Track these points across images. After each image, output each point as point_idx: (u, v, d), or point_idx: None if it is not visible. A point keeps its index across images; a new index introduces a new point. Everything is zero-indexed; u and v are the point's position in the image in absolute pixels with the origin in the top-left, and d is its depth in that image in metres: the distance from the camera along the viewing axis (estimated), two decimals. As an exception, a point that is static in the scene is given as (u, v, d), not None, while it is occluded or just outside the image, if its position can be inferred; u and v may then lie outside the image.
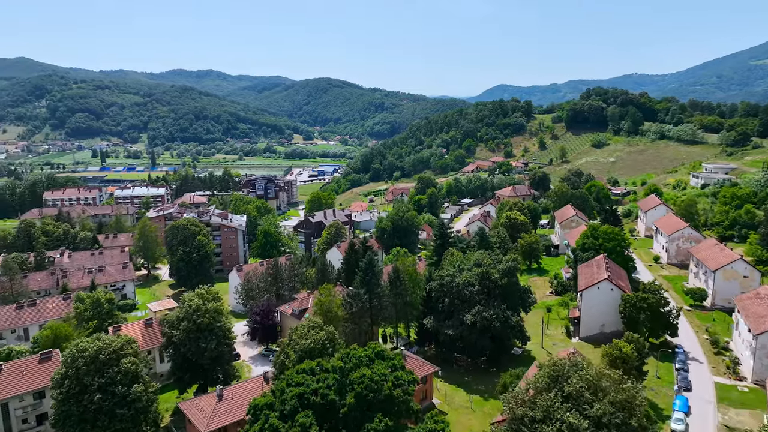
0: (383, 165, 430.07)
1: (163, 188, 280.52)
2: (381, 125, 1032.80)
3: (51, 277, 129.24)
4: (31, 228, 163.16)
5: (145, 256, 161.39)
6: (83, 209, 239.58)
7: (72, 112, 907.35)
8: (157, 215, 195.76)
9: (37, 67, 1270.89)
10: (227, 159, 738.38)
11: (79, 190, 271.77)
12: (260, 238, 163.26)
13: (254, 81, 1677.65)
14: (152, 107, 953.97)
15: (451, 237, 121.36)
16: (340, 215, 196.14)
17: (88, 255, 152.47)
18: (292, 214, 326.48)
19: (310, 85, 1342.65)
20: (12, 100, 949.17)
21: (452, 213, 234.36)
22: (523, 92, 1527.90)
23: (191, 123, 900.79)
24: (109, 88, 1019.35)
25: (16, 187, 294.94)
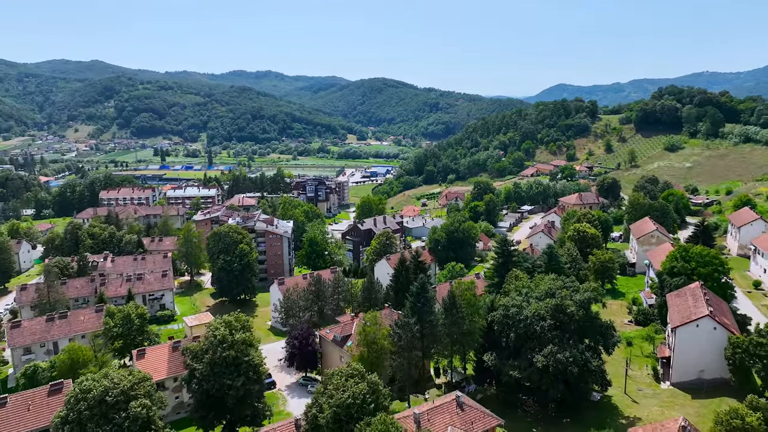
0: (437, 167, 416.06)
1: (214, 189, 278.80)
2: (435, 125, 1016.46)
3: (90, 284, 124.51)
4: (78, 230, 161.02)
5: (188, 262, 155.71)
6: (135, 209, 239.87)
7: (137, 112, 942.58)
8: (203, 218, 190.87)
9: (108, 70, 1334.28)
10: (281, 158, 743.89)
11: (133, 189, 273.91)
12: (306, 247, 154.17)
13: (310, 81, 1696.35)
14: (212, 107, 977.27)
15: (514, 255, 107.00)
16: (391, 222, 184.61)
17: (130, 260, 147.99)
18: (343, 217, 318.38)
19: (365, 85, 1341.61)
20: (84, 100, 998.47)
21: (511, 221, 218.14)
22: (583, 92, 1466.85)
23: (248, 123, 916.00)
24: (172, 89, 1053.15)
25: (76, 185, 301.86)
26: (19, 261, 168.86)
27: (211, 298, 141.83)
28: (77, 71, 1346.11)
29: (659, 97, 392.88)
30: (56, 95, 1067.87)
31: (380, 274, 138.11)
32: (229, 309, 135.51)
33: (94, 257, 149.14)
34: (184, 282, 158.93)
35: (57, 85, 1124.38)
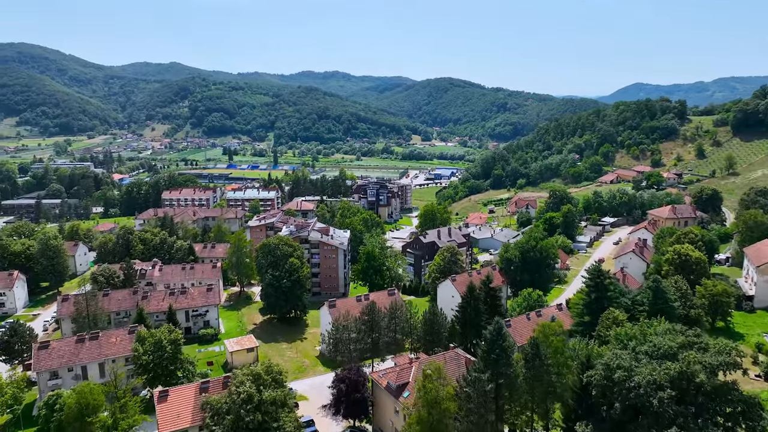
0: (505, 171, 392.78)
1: (273, 191, 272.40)
2: (503, 126, 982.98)
3: (132, 297, 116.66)
4: (130, 234, 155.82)
5: (237, 272, 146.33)
6: (194, 211, 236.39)
7: (209, 112, 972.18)
8: (258, 224, 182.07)
9: (185, 71, 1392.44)
10: (345, 159, 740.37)
11: (194, 190, 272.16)
12: (363, 261, 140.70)
13: (376, 81, 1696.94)
14: (279, 107, 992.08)
15: (610, 290, 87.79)
16: (457, 234, 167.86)
17: (179, 269, 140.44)
18: (405, 223, 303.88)
19: (430, 85, 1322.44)
20: (161, 100, 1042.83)
21: (591, 235, 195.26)
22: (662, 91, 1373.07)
23: (314, 122, 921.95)
24: (242, 89, 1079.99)
25: (142, 184, 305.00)
26: (75, 264, 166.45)
27: (259, 314, 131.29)
28: (157, 73, 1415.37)
29: (763, 95, 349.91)
30: (137, 96, 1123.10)
31: (444, 297, 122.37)
32: (277, 328, 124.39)
33: (142, 264, 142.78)
34: (233, 294, 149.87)
35: (138, 86, 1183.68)
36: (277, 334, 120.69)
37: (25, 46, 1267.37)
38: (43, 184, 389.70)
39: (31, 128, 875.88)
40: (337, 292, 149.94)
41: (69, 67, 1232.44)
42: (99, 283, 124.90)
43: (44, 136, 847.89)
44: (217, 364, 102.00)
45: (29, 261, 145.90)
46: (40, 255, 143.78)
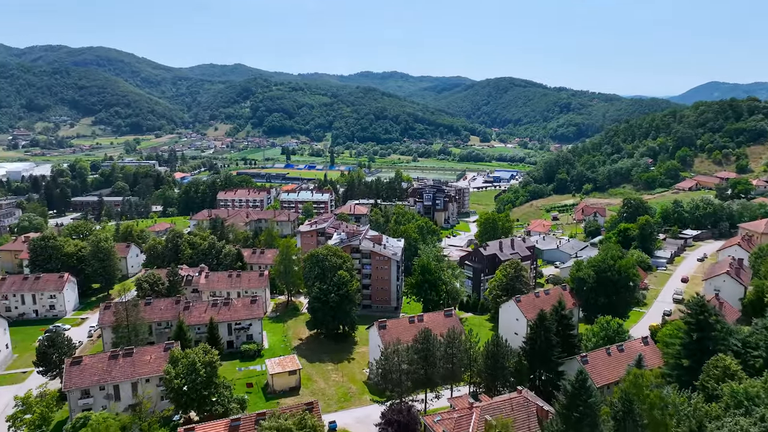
0: (570, 175, 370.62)
1: (327, 194, 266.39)
2: (566, 127, 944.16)
3: (174, 306, 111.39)
4: (179, 238, 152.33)
5: (285, 281, 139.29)
6: (248, 213, 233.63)
7: (270, 112, 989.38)
8: (309, 229, 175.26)
9: (248, 72, 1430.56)
10: (402, 160, 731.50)
11: (249, 191, 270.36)
12: (417, 274, 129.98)
13: (435, 81, 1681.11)
14: (337, 107, 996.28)
15: (716, 329, 72.72)
16: (520, 247, 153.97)
17: (225, 277, 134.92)
18: (462, 229, 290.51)
19: (490, 84, 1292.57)
20: (224, 101, 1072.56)
21: (672, 250, 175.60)
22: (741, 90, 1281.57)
23: (371, 123, 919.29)
24: (302, 90, 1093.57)
25: (199, 184, 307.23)
26: (126, 265, 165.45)
27: (306, 327, 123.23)
28: (222, 74, 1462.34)
29: None
30: (202, 96, 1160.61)
31: (507, 320, 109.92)
32: (323, 345, 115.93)
33: (189, 270, 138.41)
34: (280, 303, 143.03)
35: (203, 87, 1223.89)
36: (323, 352, 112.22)
37: (103, 50, 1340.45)
38: (110, 182, 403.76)
39: (105, 127, 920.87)
40: (389, 306, 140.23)
41: (141, 69, 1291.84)
42: (143, 289, 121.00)
43: (116, 135, 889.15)
44: (256, 387, 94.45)
45: (81, 263, 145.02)
46: (92, 257, 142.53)
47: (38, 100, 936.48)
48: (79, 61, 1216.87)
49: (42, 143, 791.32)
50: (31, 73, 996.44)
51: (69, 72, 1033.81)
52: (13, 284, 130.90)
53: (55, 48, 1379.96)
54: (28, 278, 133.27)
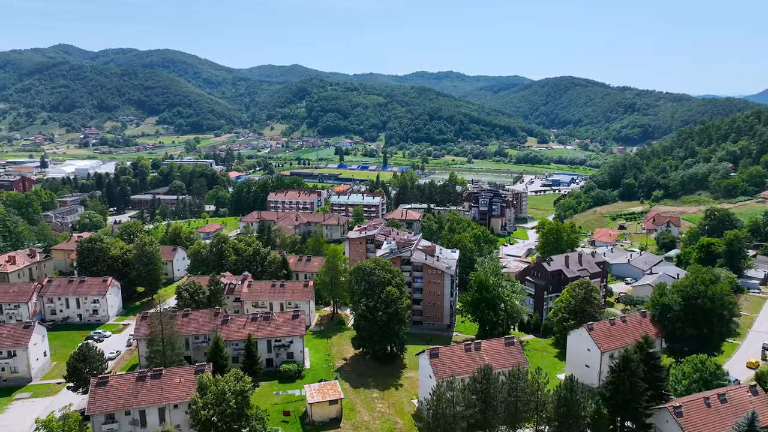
0: (638, 180, 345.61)
1: (378, 197, 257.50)
2: (630, 129, 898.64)
3: (213, 319, 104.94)
4: (224, 243, 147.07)
5: (331, 293, 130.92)
6: (297, 215, 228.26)
7: (324, 112, 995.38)
8: (358, 236, 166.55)
9: (305, 73, 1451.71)
10: (456, 161, 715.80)
11: (299, 193, 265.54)
12: (473, 291, 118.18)
13: (491, 81, 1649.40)
14: (392, 107, 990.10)
15: None
16: (589, 262, 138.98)
17: (268, 287, 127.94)
18: (519, 236, 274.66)
19: (549, 84, 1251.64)
20: (281, 101, 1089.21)
21: (765, 271, 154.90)
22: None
23: (425, 123, 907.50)
24: (357, 90, 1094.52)
25: (251, 185, 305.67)
26: (172, 269, 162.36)
27: (351, 345, 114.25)
28: (279, 75, 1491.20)
29: None
30: (260, 96, 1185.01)
31: (577, 351, 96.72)
32: (369, 366, 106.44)
33: (232, 278, 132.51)
34: (325, 316, 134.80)
35: (261, 88, 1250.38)
36: (369, 374, 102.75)
37: (168, 52, 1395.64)
38: (168, 180, 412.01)
39: (168, 126, 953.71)
40: (441, 323, 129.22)
41: (203, 70, 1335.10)
42: (183, 298, 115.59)
43: (178, 133, 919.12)
44: (294, 416, 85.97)
45: (126, 266, 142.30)
46: (136, 261, 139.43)
47: (108, 101, 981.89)
48: (147, 63, 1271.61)
49: (110, 141, 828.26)
50: (102, 75, 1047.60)
51: (137, 73, 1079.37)
52: (59, 287, 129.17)
53: (125, 51, 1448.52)
54: (73, 281, 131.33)
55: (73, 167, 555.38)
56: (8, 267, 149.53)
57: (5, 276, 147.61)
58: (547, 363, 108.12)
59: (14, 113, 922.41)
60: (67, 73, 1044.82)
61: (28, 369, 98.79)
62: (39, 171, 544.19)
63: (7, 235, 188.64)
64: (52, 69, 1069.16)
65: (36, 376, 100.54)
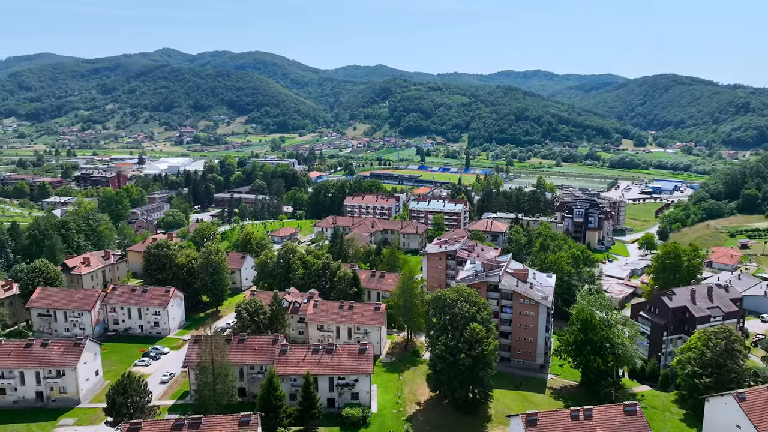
0: (762, 191, 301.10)
1: (461, 204, 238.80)
2: (743, 131, 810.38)
3: (270, 347, 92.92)
4: (292, 255, 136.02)
5: (405, 318, 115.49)
6: (373, 222, 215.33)
7: (407, 112, 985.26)
8: (438, 251, 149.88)
9: (389, 73, 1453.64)
10: (543, 164, 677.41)
11: (377, 197, 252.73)
12: (575, 330, 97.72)
13: (582, 80, 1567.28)
14: (475, 107, 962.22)
15: None
16: (721, 298, 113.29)
17: (335, 308, 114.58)
18: (619, 252, 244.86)
19: (647, 82, 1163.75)
20: (364, 101, 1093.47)
21: None
22: None
23: (510, 124, 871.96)
24: (440, 90, 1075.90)
25: (329, 187, 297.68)
26: (240, 278, 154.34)
27: (426, 384, 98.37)
28: (364, 75, 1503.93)
29: None
30: (344, 97, 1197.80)
31: (720, 424, 74.36)
32: (446, 414, 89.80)
33: (298, 296, 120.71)
34: (398, 344, 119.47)
35: (346, 88, 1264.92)
36: (446, 426, 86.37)
37: (259, 54, 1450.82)
38: (250, 179, 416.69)
39: (256, 126, 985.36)
40: (533, 362, 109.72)
41: (291, 71, 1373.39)
42: (242, 318, 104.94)
43: (265, 133, 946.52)
44: (354, 482, 71.41)
45: (191, 275, 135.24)
46: (201, 270, 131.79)
47: (203, 101, 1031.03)
48: (239, 64, 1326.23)
49: (202, 140, 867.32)
50: (199, 77, 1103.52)
51: (229, 75, 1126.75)
52: (122, 296, 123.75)
53: (220, 54, 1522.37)
54: (136, 290, 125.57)
55: (166, 164, 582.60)
56: (82, 269, 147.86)
57: (79, 278, 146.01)
58: (671, 428, 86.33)
59: (121, 113, 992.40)
60: (168, 75, 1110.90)
61: (76, 390, 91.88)
62: (137, 167, 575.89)
63: (90, 233, 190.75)
64: (155, 71, 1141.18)
65: (85, 398, 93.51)
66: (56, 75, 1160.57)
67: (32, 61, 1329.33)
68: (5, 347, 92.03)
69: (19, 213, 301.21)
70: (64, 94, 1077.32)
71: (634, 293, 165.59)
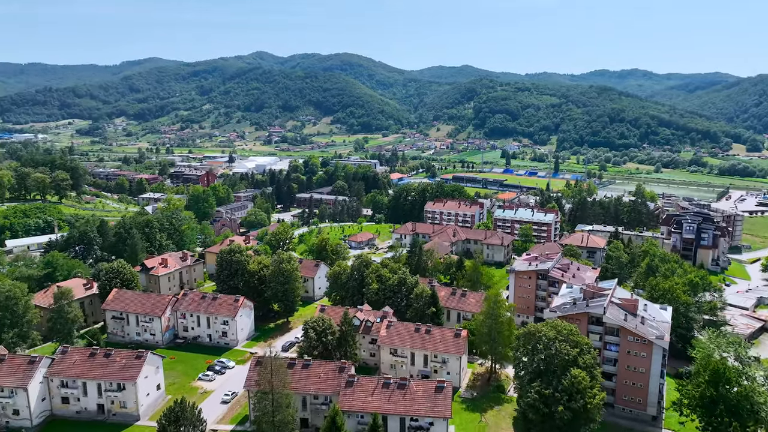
0: None
1: (551, 214, 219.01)
2: None
3: (336, 376, 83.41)
4: (365, 268, 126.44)
5: (489, 347, 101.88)
6: (455, 230, 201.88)
7: (492, 113, 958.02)
8: (527, 268, 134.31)
9: (475, 73, 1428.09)
10: (640, 170, 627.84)
11: (459, 204, 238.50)
12: (702, 379, 79.68)
13: (685, 79, 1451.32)
14: (566, 109, 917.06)
15: None
16: None
17: (411, 331, 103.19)
18: (736, 273, 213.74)
19: (764, 81, 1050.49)
20: (449, 102, 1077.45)
21: None
22: None
23: (604, 126, 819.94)
24: (528, 90, 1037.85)
25: (410, 191, 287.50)
26: (313, 287, 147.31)
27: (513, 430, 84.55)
28: (449, 75, 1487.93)
29: None
30: (428, 97, 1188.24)
31: None
32: (537, 473, 75.44)
33: (371, 314, 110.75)
34: (479, 375, 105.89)
35: (430, 89, 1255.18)
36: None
37: (347, 55, 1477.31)
38: (332, 180, 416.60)
39: (341, 126, 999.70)
40: (643, 412, 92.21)
41: (377, 72, 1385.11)
42: (309, 338, 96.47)
43: (349, 133, 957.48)
44: None
45: (261, 283, 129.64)
46: (273, 278, 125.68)
47: (291, 102, 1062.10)
48: (327, 66, 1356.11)
49: (289, 139, 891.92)
50: (288, 79, 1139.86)
51: (317, 76, 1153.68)
52: (192, 302, 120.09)
53: (309, 56, 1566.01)
54: (206, 297, 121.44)
55: (253, 163, 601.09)
56: (160, 270, 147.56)
57: (156, 279, 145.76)
58: None
59: (216, 113, 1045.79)
60: (260, 77, 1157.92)
61: (136, 406, 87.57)
62: (227, 165, 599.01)
63: (173, 232, 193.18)
64: (248, 73, 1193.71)
65: (145, 414, 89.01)
66: (161, 78, 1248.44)
67: (141, 66, 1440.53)
68: (71, 355, 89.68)
69: (117, 208, 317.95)
70: (167, 95, 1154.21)
71: (764, 328, 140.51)
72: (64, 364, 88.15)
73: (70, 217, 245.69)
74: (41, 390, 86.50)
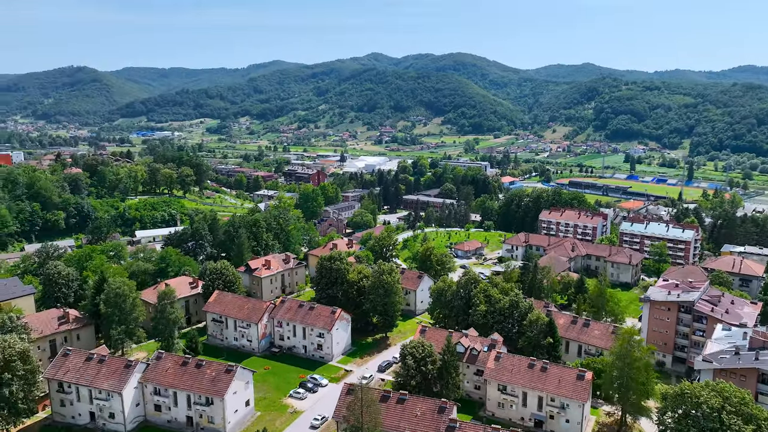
0: None
1: (691, 230, 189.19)
2: None
3: (434, 417, 72.24)
4: (473, 286, 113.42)
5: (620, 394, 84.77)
6: (573, 244, 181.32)
7: (615, 114, 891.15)
8: (665, 299, 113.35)
9: (596, 71, 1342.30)
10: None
11: (579, 214, 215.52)
12: None
13: None
14: (702, 109, 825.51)
15: None
16: None
17: (524, 367, 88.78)
18: None
19: None
20: (566, 102, 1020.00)
21: None
22: None
23: (750, 129, 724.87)
24: (657, 89, 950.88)
25: (522, 197, 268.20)
26: (415, 300, 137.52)
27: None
28: (568, 74, 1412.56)
29: None
30: (544, 97, 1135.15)
31: None
32: None
33: (477, 341, 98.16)
34: (606, 424, 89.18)
35: (547, 88, 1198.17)
36: None
37: (460, 55, 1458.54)
38: (440, 182, 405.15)
39: (451, 127, 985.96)
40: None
41: (490, 72, 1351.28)
42: (407, 366, 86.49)
43: (460, 134, 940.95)
44: None
45: (360, 294, 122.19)
46: (372, 290, 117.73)
47: (403, 102, 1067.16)
48: (440, 66, 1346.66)
49: (399, 140, 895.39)
50: (400, 79, 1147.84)
51: (429, 76, 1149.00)
52: (288, 311, 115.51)
53: (422, 56, 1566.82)
54: (303, 306, 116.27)
55: (363, 163, 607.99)
56: (263, 271, 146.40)
57: (259, 281, 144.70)
58: None
59: (331, 113, 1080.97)
60: (373, 78, 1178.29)
61: (223, 423, 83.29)
62: (338, 164, 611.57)
63: (279, 232, 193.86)
64: (363, 75, 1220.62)
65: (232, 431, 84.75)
66: (282, 79, 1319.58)
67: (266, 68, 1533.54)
68: (165, 362, 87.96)
69: (234, 203, 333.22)
70: (287, 96, 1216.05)
71: None
72: (158, 371, 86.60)
73: (191, 211, 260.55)
74: (135, 395, 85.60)
